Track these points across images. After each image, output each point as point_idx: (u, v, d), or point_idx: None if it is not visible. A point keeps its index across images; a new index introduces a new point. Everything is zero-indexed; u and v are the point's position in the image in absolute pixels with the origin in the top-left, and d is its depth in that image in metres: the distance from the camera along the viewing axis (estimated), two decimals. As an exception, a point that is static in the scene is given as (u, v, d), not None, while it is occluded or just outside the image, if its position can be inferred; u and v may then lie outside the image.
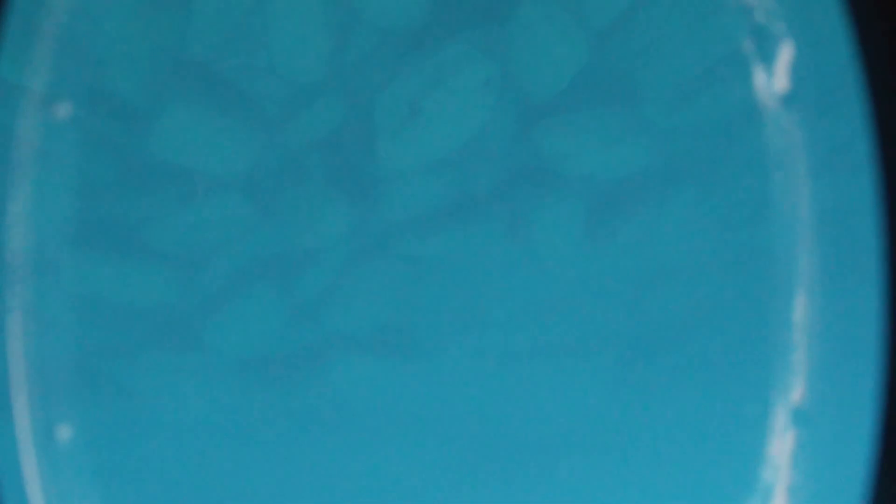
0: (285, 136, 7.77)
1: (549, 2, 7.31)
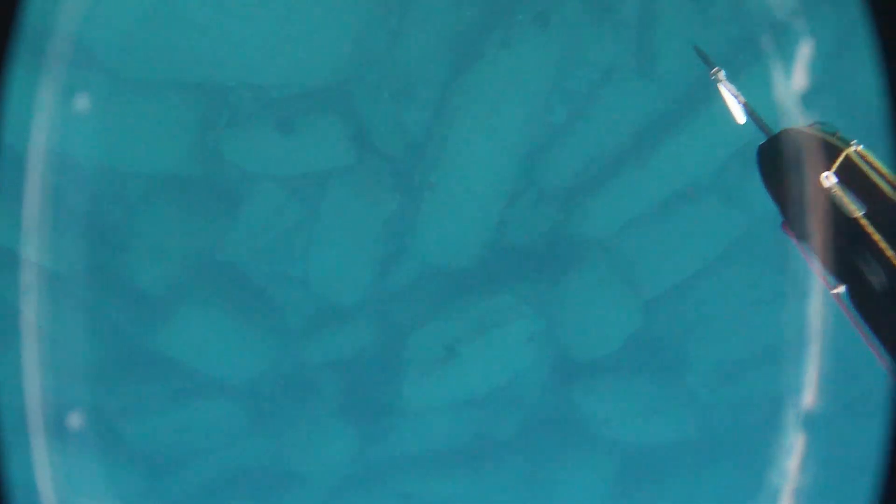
0: (304, 350, 8.68)
1: (603, 267, 8.68)
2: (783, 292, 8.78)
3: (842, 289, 2.09)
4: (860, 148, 2.12)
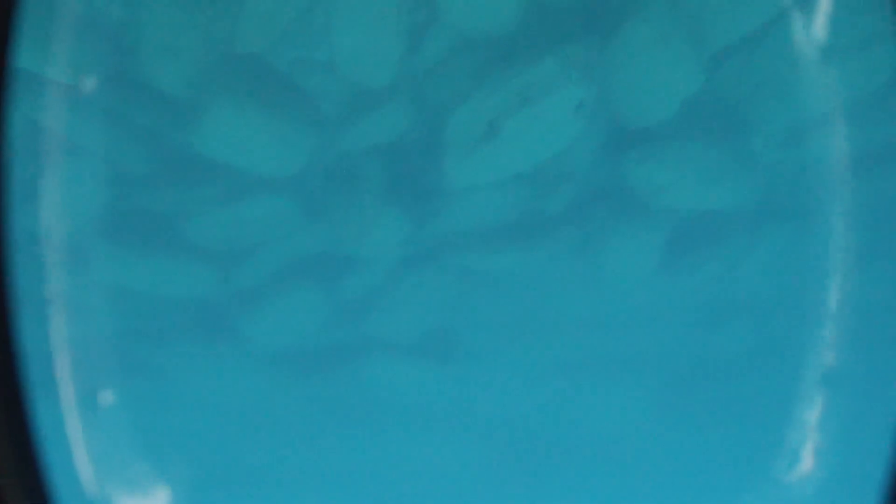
0: (342, 139, 7.83)
1: (663, 19, 7.14)
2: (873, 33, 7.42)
3: None
4: None
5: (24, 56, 6.70)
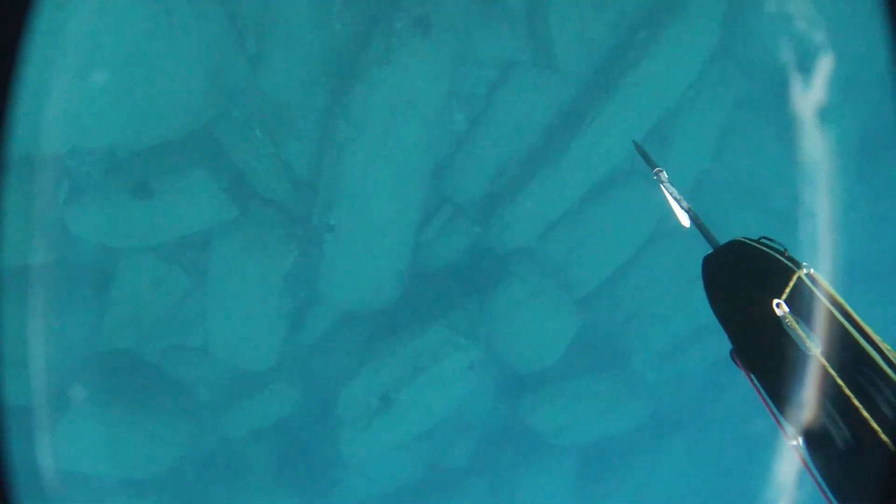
0: (222, 425, 6.88)
1: (533, 276, 7.37)
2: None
3: (799, 441, 1.70)
4: (811, 271, 1.85)
5: None
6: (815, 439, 1.67)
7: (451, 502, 9.15)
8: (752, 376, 1.87)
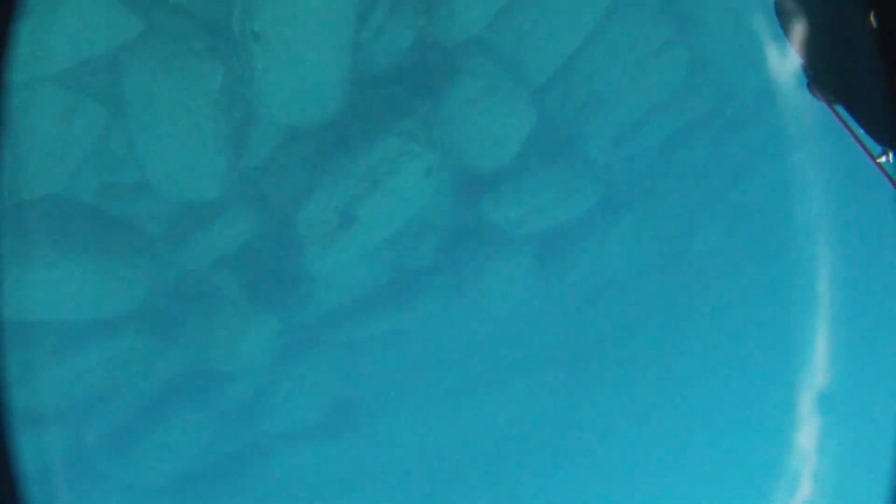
0: (183, 258, 6.54)
1: (485, 69, 6.74)
2: (673, 39, 8.15)
3: (889, 156, 1.65)
4: None
5: None
6: None
7: (420, 300, 9.63)
8: (835, 104, 1.72)
